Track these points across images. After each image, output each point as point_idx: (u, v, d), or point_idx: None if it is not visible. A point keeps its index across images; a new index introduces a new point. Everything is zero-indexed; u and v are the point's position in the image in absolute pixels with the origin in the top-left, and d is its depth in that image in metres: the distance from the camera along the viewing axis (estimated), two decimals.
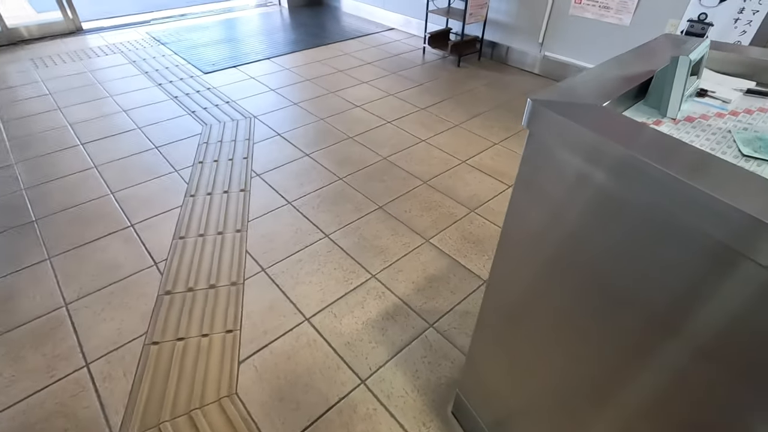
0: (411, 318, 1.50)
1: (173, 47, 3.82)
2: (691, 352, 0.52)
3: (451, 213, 1.99)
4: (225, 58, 3.62)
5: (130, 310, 1.51)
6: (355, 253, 1.76)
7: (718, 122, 0.65)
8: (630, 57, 0.78)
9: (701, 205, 0.44)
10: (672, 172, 0.46)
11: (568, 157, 0.59)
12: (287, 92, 3.10)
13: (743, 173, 0.48)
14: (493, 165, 2.34)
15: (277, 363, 1.35)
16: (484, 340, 0.98)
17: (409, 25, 4.39)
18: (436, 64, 3.66)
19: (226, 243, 1.79)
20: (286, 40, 4.11)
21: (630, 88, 0.65)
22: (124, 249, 1.76)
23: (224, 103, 2.91)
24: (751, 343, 0.45)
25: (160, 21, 4.53)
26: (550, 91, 0.64)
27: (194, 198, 2.04)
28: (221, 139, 2.50)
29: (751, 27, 2.32)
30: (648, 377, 0.59)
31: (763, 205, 0.41)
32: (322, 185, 2.15)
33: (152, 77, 3.25)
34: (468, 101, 3.03)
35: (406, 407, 1.25)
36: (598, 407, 0.71)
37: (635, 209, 0.53)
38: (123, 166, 2.25)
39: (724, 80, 0.78)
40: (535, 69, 3.51)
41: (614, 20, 2.89)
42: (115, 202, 2.01)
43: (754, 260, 0.42)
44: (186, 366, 1.33)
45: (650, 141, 0.53)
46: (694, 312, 0.50)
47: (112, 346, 1.39)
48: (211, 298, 1.56)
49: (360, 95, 3.08)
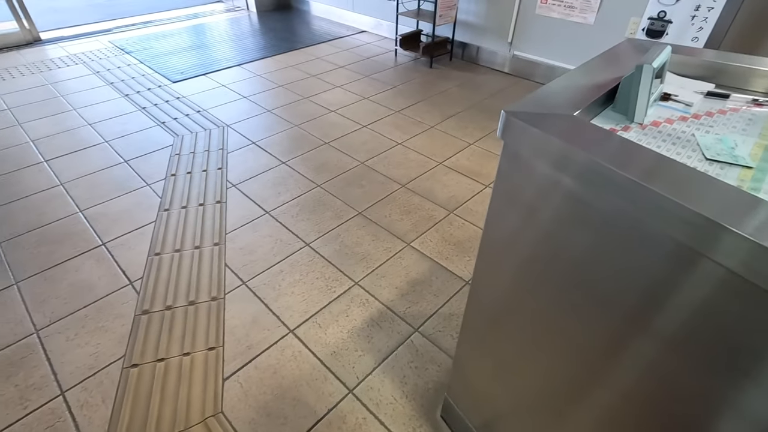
0: (396, 323, 1.51)
1: (138, 56, 3.71)
2: (660, 346, 0.54)
3: (430, 215, 2.00)
4: (194, 66, 3.54)
5: (106, 333, 1.46)
6: (337, 261, 1.75)
7: (682, 126, 0.68)
8: (596, 64, 0.80)
9: (662, 209, 0.47)
10: (634, 178, 0.48)
11: (542, 166, 0.60)
12: (260, 99, 3.05)
13: (701, 177, 0.50)
14: (469, 165, 2.37)
15: (263, 378, 1.33)
16: (469, 343, 0.99)
17: (380, 28, 4.40)
18: (408, 66, 3.68)
19: (204, 257, 1.76)
20: (257, 45, 4.06)
21: (598, 96, 0.67)
22: (97, 269, 1.70)
23: (195, 113, 2.85)
24: (712, 337, 0.47)
25: (123, 29, 4.40)
26: (522, 101, 0.65)
27: (168, 212, 1.99)
28: (194, 150, 2.45)
29: (707, 23, 2.43)
30: (623, 372, 0.61)
31: (718, 207, 0.44)
32: (300, 193, 2.13)
33: (118, 88, 3.15)
34: (442, 102, 3.06)
35: (395, 414, 1.25)
36: (580, 403, 0.73)
37: (603, 214, 0.55)
38: (91, 183, 2.17)
39: (685, 83, 0.81)
40: (506, 68, 3.57)
41: (579, 19, 2.97)
42: (85, 220, 1.94)
43: (713, 260, 0.44)
44: (168, 387, 1.30)
45: (616, 149, 0.55)
46: (661, 309, 0.52)
47: (88, 371, 1.35)
48: (191, 315, 1.52)
49: (334, 100, 3.07)
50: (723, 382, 0.48)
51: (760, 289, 0.41)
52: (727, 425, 0.50)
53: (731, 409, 0.49)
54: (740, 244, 0.41)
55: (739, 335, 0.45)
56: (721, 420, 0.50)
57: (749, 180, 0.55)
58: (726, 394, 0.48)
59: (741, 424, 0.48)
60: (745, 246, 0.41)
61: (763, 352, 0.43)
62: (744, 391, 0.46)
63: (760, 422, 0.46)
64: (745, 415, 0.47)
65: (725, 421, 0.50)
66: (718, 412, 0.50)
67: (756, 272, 0.41)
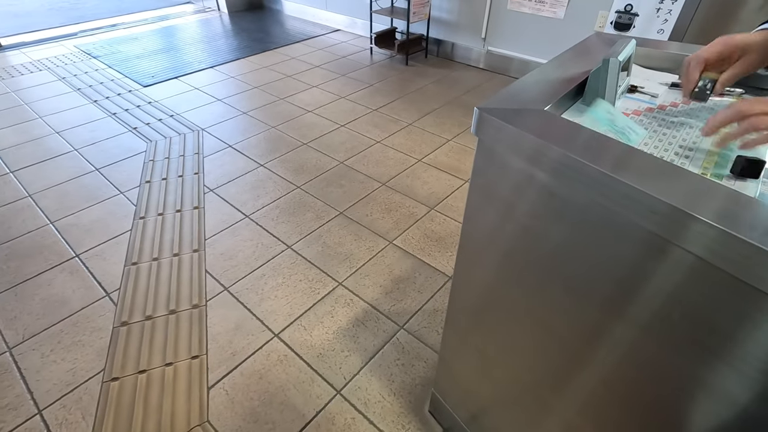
0: (381, 322, 1.51)
1: (106, 60, 3.60)
2: (637, 333, 0.56)
3: (411, 213, 2.01)
4: (165, 69, 3.46)
5: (83, 347, 1.42)
6: (320, 262, 1.74)
7: (649, 117, 0.70)
8: (566, 58, 0.82)
9: (631, 199, 0.48)
10: (604, 170, 0.49)
11: (515, 161, 0.61)
12: (235, 101, 3.01)
13: (667, 167, 0.52)
14: (448, 161, 2.39)
15: (249, 384, 1.32)
16: (453, 338, 1.00)
17: (354, 26, 4.38)
18: (384, 64, 3.68)
19: (183, 265, 1.72)
20: (229, 46, 3.99)
21: (568, 90, 0.68)
22: (71, 282, 1.65)
23: (168, 117, 2.78)
24: (685, 321, 0.49)
25: (88, 33, 4.26)
26: (495, 98, 0.66)
27: (144, 220, 1.94)
28: (168, 156, 2.39)
29: (672, 15, 2.50)
30: (602, 359, 0.63)
31: (684, 196, 0.45)
32: (280, 195, 2.11)
33: (86, 94, 3.05)
34: (419, 99, 3.07)
35: (384, 412, 1.25)
36: (563, 391, 0.74)
37: (576, 206, 0.56)
38: (61, 193, 2.10)
39: (651, 75, 0.84)
40: (481, 64, 3.61)
41: (549, 14, 3.02)
42: (56, 232, 1.87)
43: (682, 247, 0.45)
44: (151, 399, 1.27)
45: (586, 142, 0.56)
46: (636, 297, 0.54)
47: (66, 388, 1.30)
48: (172, 324, 1.49)
49: (311, 100, 3.04)
50: (698, 365, 0.50)
51: (726, 274, 0.42)
52: (704, 406, 0.52)
53: (707, 390, 0.50)
54: (705, 231, 0.42)
55: (709, 319, 0.47)
56: (698, 401, 0.52)
57: (712, 167, 0.57)
58: (701, 375, 0.50)
59: (717, 404, 0.50)
60: (710, 232, 0.42)
61: (732, 333, 0.45)
62: (717, 372, 0.48)
63: (734, 402, 0.48)
64: (721, 396, 0.49)
65: (703, 402, 0.52)
66: (695, 393, 0.52)
67: (722, 257, 0.42)
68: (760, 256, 0.39)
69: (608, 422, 0.68)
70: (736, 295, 0.43)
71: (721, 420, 0.50)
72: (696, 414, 0.53)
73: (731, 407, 0.49)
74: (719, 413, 0.50)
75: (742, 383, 0.46)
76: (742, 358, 0.45)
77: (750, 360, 0.45)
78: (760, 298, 0.41)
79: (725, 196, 0.46)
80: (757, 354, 0.44)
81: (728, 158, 0.59)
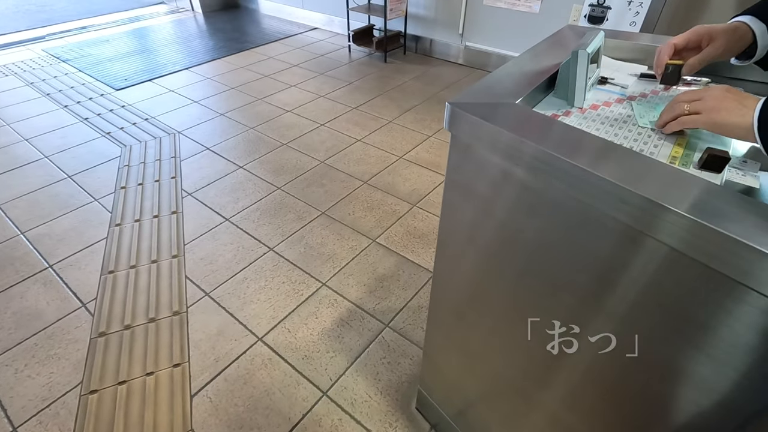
0: (366, 321, 1.50)
1: (76, 64, 3.50)
2: (615, 324, 0.56)
3: (393, 210, 2.00)
4: (138, 72, 3.37)
5: (59, 361, 1.37)
6: (303, 263, 1.72)
7: (618, 108, 0.71)
8: (537, 51, 0.82)
9: (601, 190, 0.48)
10: (573, 162, 0.49)
11: (488, 156, 0.61)
12: (212, 103, 2.95)
13: (635, 156, 0.52)
14: (429, 158, 2.39)
15: (233, 390, 1.30)
16: (436, 334, 1.00)
17: (332, 24, 4.35)
18: (363, 62, 3.66)
19: (162, 271, 1.68)
20: (205, 47, 3.92)
21: (539, 83, 0.68)
22: (45, 294, 1.59)
23: (143, 121, 2.72)
24: (661, 312, 0.49)
25: (57, 36, 4.13)
26: (467, 92, 0.65)
27: (120, 227, 1.89)
28: (144, 160, 2.34)
29: (643, 8, 2.55)
30: (583, 351, 0.63)
31: (652, 185, 0.45)
32: (260, 197, 2.08)
33: (56, 99, 2.95)
34: (398, 97, 3.06)
35: (371, 411, 1.25)
36: (544, 385, 0.75)
37: (549, 199, 0.56)
38: (32, 202, 2.03)
39: (620, 66, 0.84)
40: (459, 59, 3.62)
41: (525, 8, 3.05)
42: (27, 242, 1.81)
43: (653, 236, 0.45)
44: (132, 411, 1.24)
45: (557, 134, 0.56)
46: (614, 289, 0.54)
47: (42, 403, 1.26)
48: (152, 332, 1.46)
49: (289, 100, 3.01)
50: (675, 355, 0.50)
51: (696, 262, 0.43)
52: (683, 395, 0.52)
53: (685, 379, 0.51)
54: (673, 220, 0.43)
55: (685, 309, 0.47)
56: (677, 390, 0.52)
57: (680, 156, 0.58)
58: (679, 365, 0.50)
59: (695, 393, 0.51)
60: (677, 221, 0.42)
61: (707, 323, 0.45)
62: (694, 361, 0.48)
63: (711, 390, 0.48)
64: (698, 385, 0.50)
65: (681, 391, 0.52)
66: (674, 383, 0.52)
67: (691, 246, 0.43)
68: (727, 244, 0.40)
69: (591, 413, 0.69)
70: (708, 283, 0.43)
71: (700, 407, 0.51)
72: (677, 402, 0.53)
73: (709, 394, 0.49)
74: (698, 401, 0.51)
75: (716, 370, 0.47)
76: (716, 346, 0.46)
77: (723, 346, 0.45)
78: (730, 285, 0.41)
79: (691, 184, 0.47)
80: (729, 340, 0.44)
81: (696, 146, 0.60)
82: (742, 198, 0.44)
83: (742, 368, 0.45)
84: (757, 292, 0.39)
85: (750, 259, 0.39)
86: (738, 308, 0.42)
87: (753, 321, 0.41)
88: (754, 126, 0.49)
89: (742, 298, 0.41)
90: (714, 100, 0.55)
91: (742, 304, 0.41)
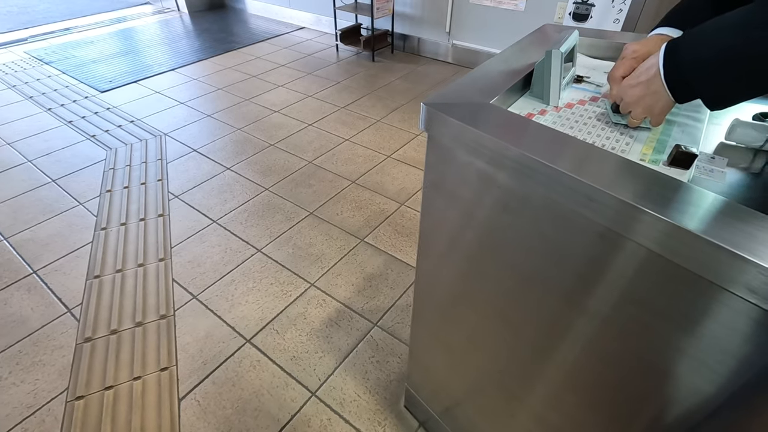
0: (354, 320, 1.51)
1: (60, 66, 3.45)
2: (596, 324, 0.57)
3: (382, 209, 2.01)
4: (123, 74, 3.34)
5: (44, 367, 1.36)
6: (291, 264, 1.72)
7: (593, 106, 0.72)
8: (515, 50, 0.83)
9: (569, 188, 0.49)
10: (542, 160, 0.50)
11: (462, 155, 0.61)
12: (198, 104, 2.93)
13: (604, 154, 0.53)
14: (416, 156, 2.40)
15: (221, 393, 1.29)
16: (421, 332, 1.00)
17: (319, 23, 4.34)
18: (350, 61, 3.65)
19: (149, 275, 1.67)
20: (191, 48, 3.88)
21: (514, 82, 0.69)
22: (29, 300, 1.57)
23: (128, 123, 2.69)
24: (640, 312, 0.50)
25: (39, 38, 4.07)
26: (443, 92, 0.66)
27: (106, 231, 1.87)
28: (129, 163, 2.31)
29: (626, 5, 2.58)
30: (565, 350, 0.64)
31: (619, 182, 0.46)
32: (248, 198, 2.07)
33: (39, 102, 2.91)
34: (386, 96, 3.06)
35: (360, 411, 1.25)
36: (528, 383, 0.76)
37: (524, 199, 0.56)
38: (15, 207, 2.01)
39: (596, 65, 0.86)
40: (448, 58, 3.63)
41: (510, 6, 3.06)
42: (11, 248, 1.79)
43: (633, 240, 0.46)
44: (119, 416, 1.23)
45: (527, 133, 0.57)
46: (587, 286, 0.55)
47: (27, 411, 1.25)
48: (139, 336, 1.45)
49: (277, 100, 3.00)
50: (654, 354, 0.51)
51: (664, 259, 0.43)
52: (664, 393, 0.53)
53: (665, 378, 0.51)
54: (638, 217, 0.43)
55: (662, 309, 0.47)
56: (657, 389, 0.53)
57: (650, 153, 0.59)
58: (658, 364, 0.51)
59: (676, 391, 0.51)
60: (643, 218, 0.43)
61: (683, 323, 0.46)
62: (673, 360, 0.49)
63: (690, 387, 0.49)
64: (678, 383, 0.50)
65: (662, 389, 0.53)
66: (654, 382, 0.53)
67: (658, 243, 0.43)
68: (693, 241, 0.40)
69: (574, 410, 0.70)
70: (679, 281, 0.44)
71: (681, 405, 0.52)
72: (656, 398, 0.54)
73: (688, 391, 0.50)
74: (679, 398, 0.51)
75: (693, 367, 0.47)
76: (691, 344, 0.46)
77: (695, 343, 0.46)
78: (700, 283, 0.42)
79: (657, 181, 0.48)
80: (704, 337, 0.45)
81: (666, 144, 0.61)
82: (706, 194, 0.45)
83: (714, 365, 0.45)
84: (727, 291, 0.40)
85: (712, 254, 0.39)
86: (711, 306, 0.43)
87: (724, 318, 0.42)
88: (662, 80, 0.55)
89: (713, 296, 0.42)
90: (635, 106, 0.60)
91: (713, 301, 0.42)
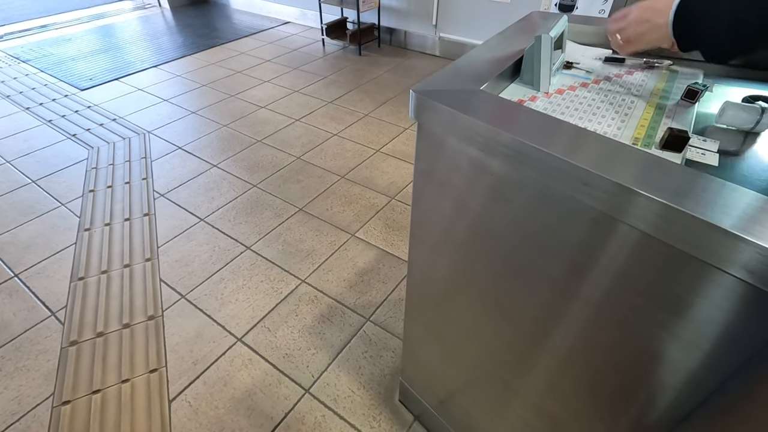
0: (347, 316, 1.49)
1: (37, 64, 3.35)
2: (589, 309, 0.56)
3: (372, 204, 1.99)
4: (104, 71, 3.26)
5: (28, 373, 1.32)
6: (281, 261, 1.70)
7: (584, 92, 0.71)
8: (504, 37, 0.81)
9: (563, 172, 0.48)
10: (534, 144, 0.49)
11: (453, 142, 0.60)
12: (183, 101, 2.87)
13: (596, 138, 0.52)
14: (406, 150, 2.38)
15: (213, 393, 1.27)
16: (414, 325, 0.99)
17: (305, 18, 4.28)
18: (337, 55, 3.61)
19: (135, 275, 1.63)
20: (174, 44, 3.80)
21: (504, 68, 0.68)
22: (10, 304, 1.53)
23: (110, 121, 2.62)
24: (633, 296, 0.49)
25: (15, 35, 3.95)
26: (432, 79, 0.64)
27: (90, 232, 1.83)
28: (113, 162, 2.26)
29: None
30: (558, 337, 0.64)
31: (628, 173, 0.45)
32: (236, 195, 2.04)
33: (16, 101, 2.83)
34: (374, 90, 3.04)
35: (354, 406, 1.24)
36: (523, 372, 0.75)
37: (515, 185, 0.55)
38: None
39: (586, 51, 0.85)
40: (435, 51, 3.61)
41: None
42: None
43: (627, 223, 0.45)
44: (107, 420, 1.20)
45: (519, 118, 0.56)
46: (581, 272, 0.54)
47: (11, 418, 1.21)
48: (126, 338, 1.41)
49: (263, 95, 2.95)
50: (649, 339, 0.50)
51: (660, 242, 0.43)
52: (659, 378, 0.52)
53: (660, 363, 0.51)
54: (633, 199, 0.43)
55: (656, 293, 0.47)
56: (652, 375, 0.53)
57: (642, 138, 0.59)
58: (653, 349, 0.51)
59: (671, 376, 0.51)
60: (637, 200, 0.42)
61: (677, 307, 0.46)
62: (664, 342, 0.49)
63: (681, 369, 0.49)
64: (669, 365, 0.50)
65: (657, 374, 0.52)
66: (646, 364, 0.53)
67: (654, 225, 0.43)
68: (688, 222, 0.40)
69: (569, 398, 0.69)
70: (673, 263, 0.44)
71: (677, 390, 0.51)
72: (652, 382, 0.53)
73: (683, 376, 0.49)
74: (674, 384, 0.51)
75: (688, 351, 0.47)
76: (686, 327, 0.46)
77: (689, 326, 0.46)
78: (695, 264, 0.41)
79: (651, 163, 0.47)
80: (698, 321, 0.45)
81: (658, 127, 0.61)
82: (700, 176, 0.45)
83: (706, 346, 0.45)
84: (724, 272, 0.39)
85: (709, 235, 0.39)
86: (706, 288, 0.42)
87: (719, 300, 0.42)
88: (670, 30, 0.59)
89: (708, 277, 0.41)
90: (636, 26, 0.64)
91: (708, 282, 0.42)
